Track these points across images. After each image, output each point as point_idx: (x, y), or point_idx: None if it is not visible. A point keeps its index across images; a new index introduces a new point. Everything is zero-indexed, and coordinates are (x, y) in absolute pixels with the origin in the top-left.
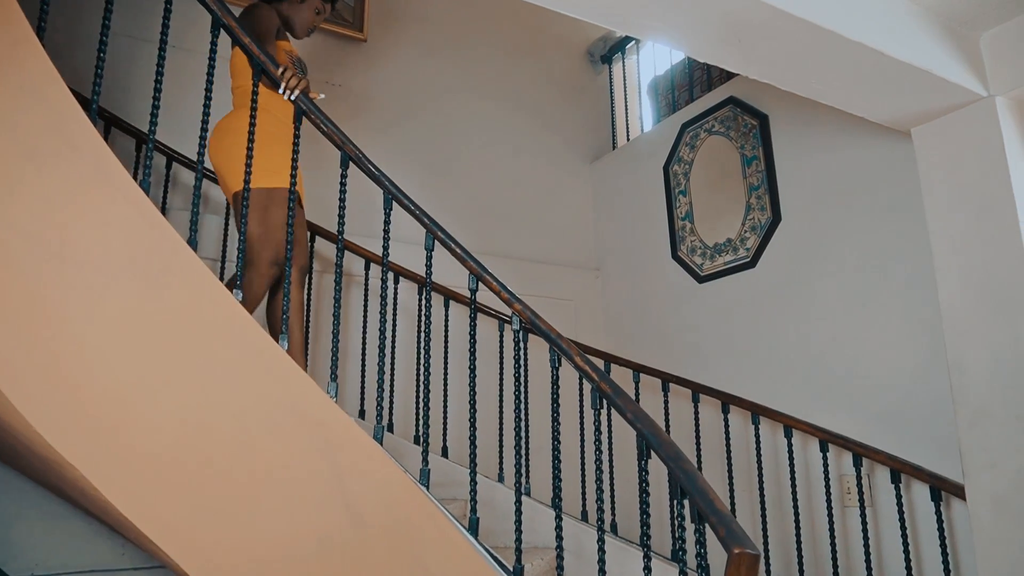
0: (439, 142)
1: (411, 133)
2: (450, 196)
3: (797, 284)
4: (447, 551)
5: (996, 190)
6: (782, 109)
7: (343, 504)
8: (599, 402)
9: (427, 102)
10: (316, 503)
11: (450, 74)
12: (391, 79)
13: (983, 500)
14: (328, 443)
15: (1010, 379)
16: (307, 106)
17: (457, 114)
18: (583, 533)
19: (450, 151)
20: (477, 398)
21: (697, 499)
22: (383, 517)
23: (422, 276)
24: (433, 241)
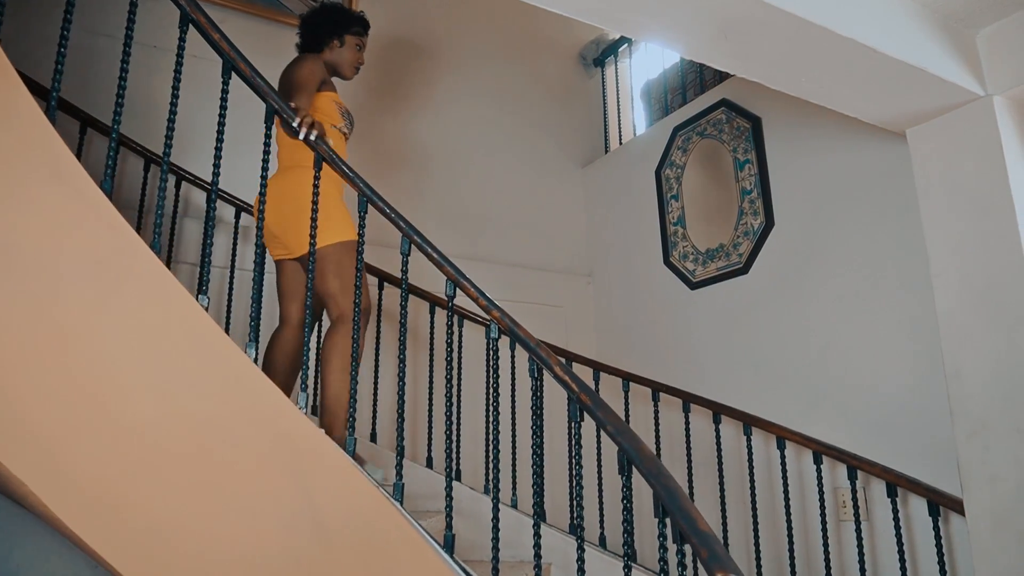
0: (427, 146)
1: (398, 136)
2: (438, 201)
3: (791, 290)
4: (419, 569)
5: (994, 192)
6: (775, 111)
7: (311, 520)
8: (579, 414)
9: (415, 105)
10: (282, 519)
11: (439, 77)
12: (381, 80)
13: (982, 516)
14: (296, 456)
15: (1010, 389)
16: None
17: (446, 118)
18: (572, 547)
19: (439, 155)
20: (463, 406)
21: (679, 519)
22: (353, 534)
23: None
24: (409, 245)
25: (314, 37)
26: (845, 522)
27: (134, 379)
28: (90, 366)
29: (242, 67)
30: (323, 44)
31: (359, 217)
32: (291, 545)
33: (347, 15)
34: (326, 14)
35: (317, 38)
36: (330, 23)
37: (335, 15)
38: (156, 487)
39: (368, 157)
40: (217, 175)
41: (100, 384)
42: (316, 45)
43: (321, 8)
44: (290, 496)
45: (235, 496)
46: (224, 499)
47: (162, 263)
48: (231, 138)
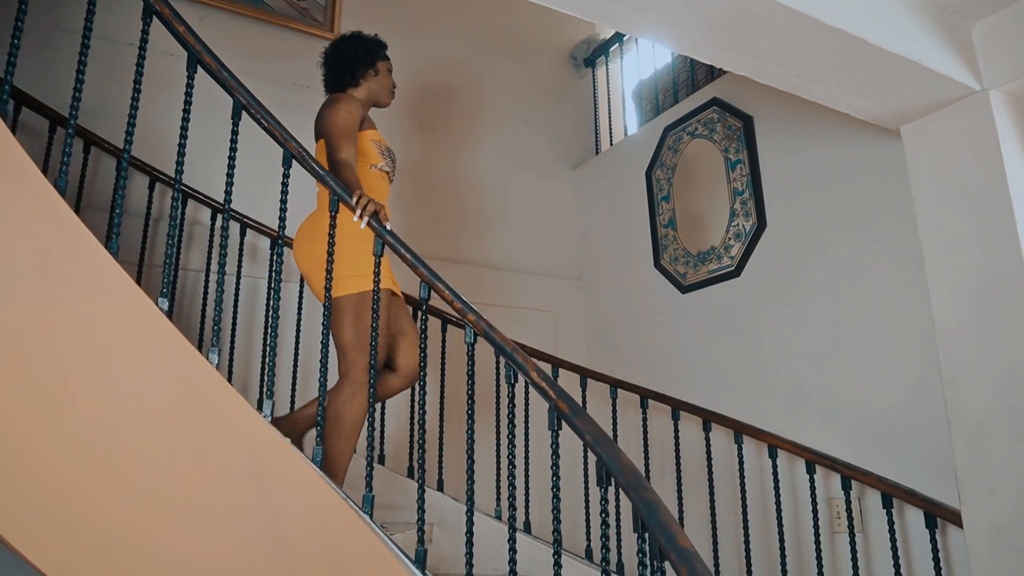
0: (413, 147)
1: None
2: (424, 202)
3: (783, 294)
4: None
5: (991, 190)
6: (767, 110)
7: (273, 534)
8: (556, 422)
9: (401, 105)
10: (243, 533)
11: (426, 77)
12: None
13: (981, 529)
14: (259, 468)
15: (1009, 395)
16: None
17: (433, 118)
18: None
19: (425, 156)
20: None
21: (657, 533)
22: (318, 549)
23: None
24: (382, 247)
25: (348, 73)
26: (839, 534)
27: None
28: (39, 370)
29: (208, 60)
30: (359, 78)
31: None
32: (251, 560)
33: (375, 43)
34: (356, 46)
35: (351, 73)
36: (363, 54)
37: (364, 45)
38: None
39: None
40: (180, 172)
41: (49, 389)
42: (351, 80)
43: (345, 41)
44: (252, 509)
45: (193, 508)
46: (181, 511)
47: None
48: (215, 139)
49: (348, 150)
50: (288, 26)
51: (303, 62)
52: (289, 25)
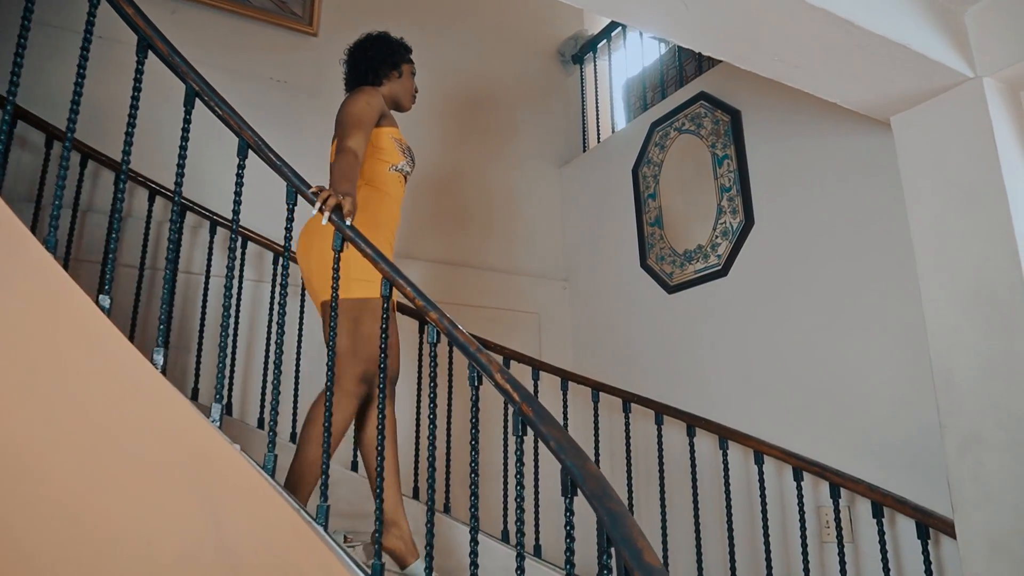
0: None
1: None
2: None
3: (771, 294)
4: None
5: (985, 182)
6: (755, 104)
7: (216, 546)
8: (520, 426)
9: None
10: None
11: None
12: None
13: (976, 541)
14: (203, 474)
15: (1005, 399)
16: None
17: (416, 115)
18: (535, 570)
19: None
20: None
21: (621, 547)
22: (264, 561)
23: None
24: (342, 241)
25: (371, 71)
26: (829, 544)
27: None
28: None
29: (159, 45)
30: (381, 77)
31: (287, 208)
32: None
33: (401, 44)
34: (382, 45)
35: (375, 72)
36: (389, 54)
37: (392, 45)
38: (36, 509)
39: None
40: (127, 161)
41: None
42: (374, 79)
43: (371, 40)
44: (194, 518)
45: (128, 518)
46: (115, 521)
47: (53, 259)
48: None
49: (357, 139)
50: (266, 20)
51: (281, 57)
52: (267, 19)
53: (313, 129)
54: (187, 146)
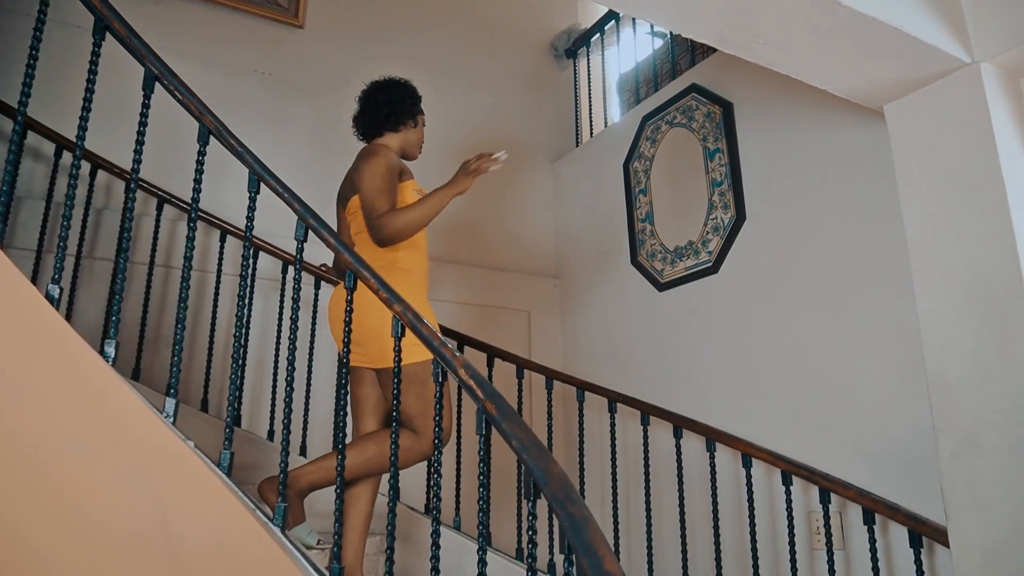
0: None
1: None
2: None
3: (762, 291)
4: None
5: (982, 173)
6: (747, 96)
7: (163, 546)
8: (484, 425)
9: None
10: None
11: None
12: (329, 70)
13: (969, 550)
14: (151, 472)
15: (1002, 400)
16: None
17: None
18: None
19: None
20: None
21: (582, 556)
22: (215, 565)
23: (313, 266)
24: (306, 231)
25: (393, 116)
26: (819, 551)
27: None
28: None
29: (117, 27)
30: (399, 124)
31: (249, 198)
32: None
33: (417, 93)
34: (406, 93)
35: (396, 117)
36: (411, 103)
37: (413, 93)
38: None
39: (319, 150)
40: (81, 146)
41: None
42: (392, 125)
43: (396, 85)
44: (140, 518)
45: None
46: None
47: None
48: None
49: (383, 204)
50: (251, 12)
51: (265, 49)
52: (252, 11)
53: (299, 122)
54: (145, 131)
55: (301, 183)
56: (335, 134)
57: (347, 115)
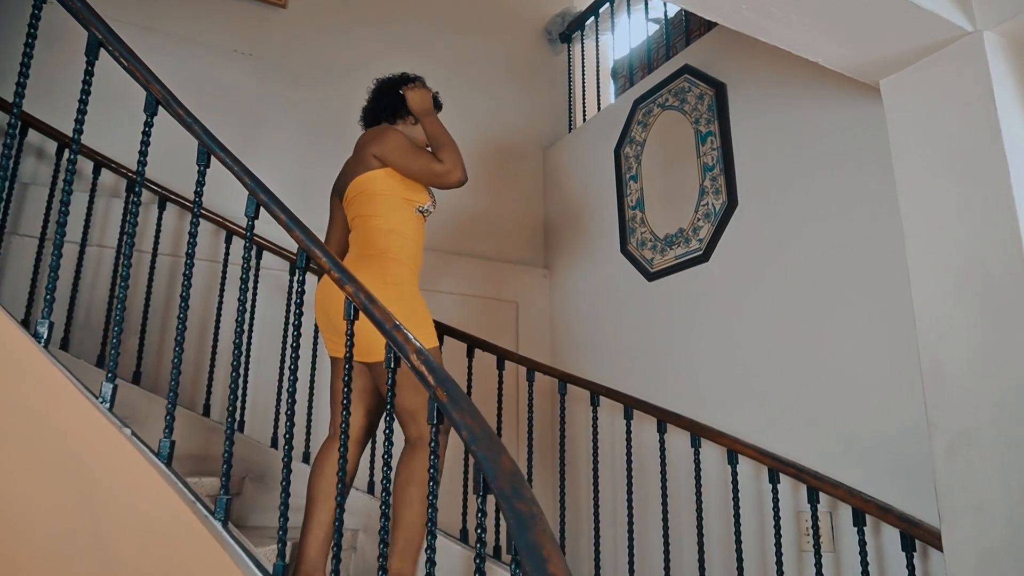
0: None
1: (334, 112)
2: None
3: (753, 280)
4: None
5: (983, 149)
6: (740, 76)
7: (92, 536)
8: (435, 415)
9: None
10: (52, 540)
11: (384, 50)
12: (313, 52)
13: (964, 554)
14: (80, 462)
15: (1001, 395)
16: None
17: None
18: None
19: None
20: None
21: (525, 557)
22: (147, 561)
23: (276, 245)
24: (256, 207)
25: (387, 109)
26: (808, 552)
27: None
28: None
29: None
30: (396, 118)
31: (198, 171)
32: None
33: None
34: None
35: (392, 110)
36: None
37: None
38: None
39: (302, 134)
40: (16, 114)
41: None
42: (390, 117)
43: (403, 79)
44: (67, 510)
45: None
46: None
47: None
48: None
49: (427, 160)
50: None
51: (248, 29)
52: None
53: (281, 105)
54: (88, 100)
55: (282, 167)
56: (318, 118)
57: (332, 99)
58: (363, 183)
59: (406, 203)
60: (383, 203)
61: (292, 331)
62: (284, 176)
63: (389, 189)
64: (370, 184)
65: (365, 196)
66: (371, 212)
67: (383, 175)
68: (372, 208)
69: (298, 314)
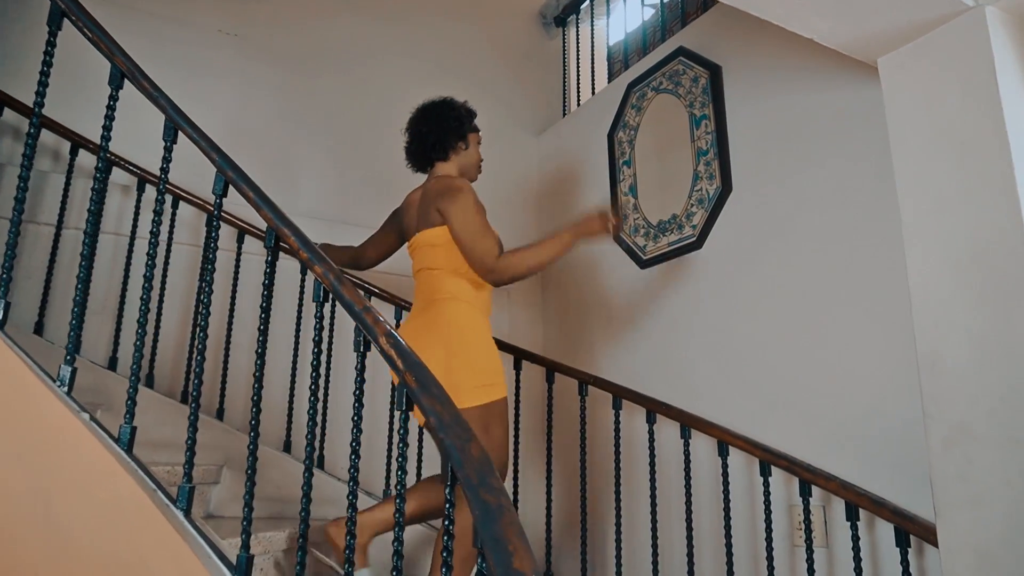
0: (357, 108)
1: (321, 96)
2: (369, 169)
3: (746, 268)
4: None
5: (984, 129)
6: (736, 58)
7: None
8: (404, 400)
9: (344, 63)
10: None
11: (374, 34)
12: (301, 34)
13: (960, 550)
14: (33, 447)
15: (1001, 386)
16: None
17: (380, 78)
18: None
19: (370, 119)
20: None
21: (490, 550)
22: (102, 550)
23: (242, 223)
24: (224, 184)
25: (438, 144)
26: (800, 548)
27: None
28: None
29: None
30: (448, 150)
31: (165, 147)
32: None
33: (467, 110)
34: (448, 115)
35: (442, 144)
36: (455, 124)
37: (458, 113)
38: None
39: (283, 118)
40: None
41: None
42: (440, 153)
43: (435, 108)
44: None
45: None
46: None
47: None
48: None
49: (491, 245)
50: None
51: (232, 9)
52: None
53: (265, 85)
54: (50, 72)
55: (265, 150)
56: (304, 102)
57: (318, 83)
58: (426, 239)
59: None
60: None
61: (261, 314)
62: (268, 159)
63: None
64: (434, 239)
65: (427, 248)
66: (447, 262)
67: (444, 233)
68: (448, 258)
69: (267, 296)
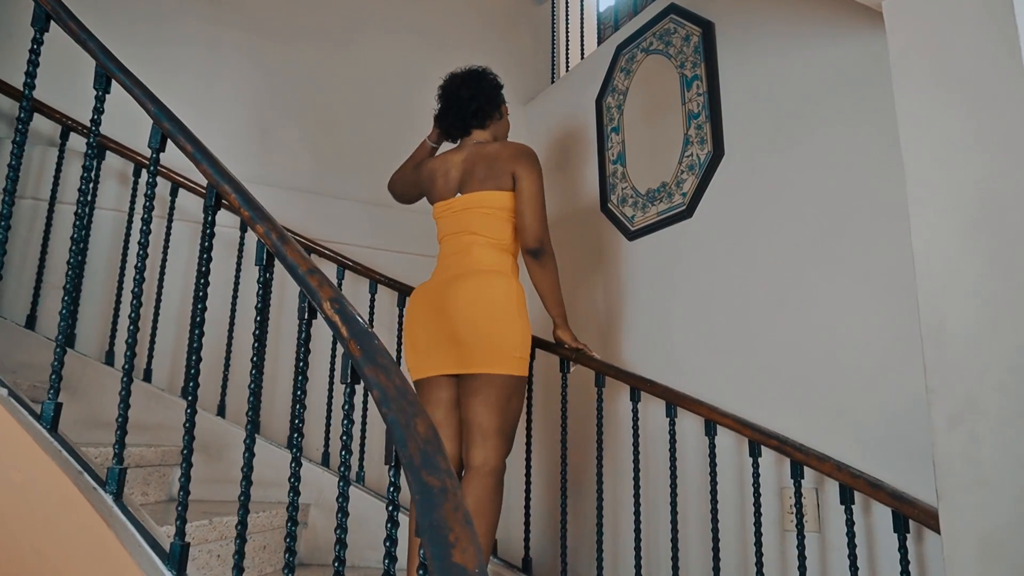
0: (338, 78)
1: (298, 64)
2: (352, 144)
3: (738, 237)
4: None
5: (997, 72)
6: (730, 14)
7: None
8: (349, 372)
9: (324, 28)
10: None
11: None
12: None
13: (965, 536)
14: None
15: (1012, 356)
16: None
17: (362, 44)
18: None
19: (352, 90)
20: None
21: (427, 539)
22: (17, 540)
23: (189, 182)
24: (161, 138)
25: (480, 112)
26: (791, 532)
27: None
28: None
29: None
30: (488, 119)
31: (96, 97)
32: None
33: (498, 81)
34: (486, 84)
35: (484, 113)
36: (493, 93)
37: (495, 82)
38: None
39: (263, 90)
40: None
41: None
42: (479, 122)
43: (474, 77)
44: None
45: None
46: None
47: None
48: None
49: (547, 232)
50: None
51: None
52: None
53: (236, 48)
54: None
55: (238, 116)
56: (279, 69)
57: (292, 52)
58: (489, 200)
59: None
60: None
61: (199, 279)
62: (241, 126)
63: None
64: (497, 202)
65: (480, 211)
66: (480, 230)
67: (511, 199)
68: (505, 227)
69: (207, 259)
